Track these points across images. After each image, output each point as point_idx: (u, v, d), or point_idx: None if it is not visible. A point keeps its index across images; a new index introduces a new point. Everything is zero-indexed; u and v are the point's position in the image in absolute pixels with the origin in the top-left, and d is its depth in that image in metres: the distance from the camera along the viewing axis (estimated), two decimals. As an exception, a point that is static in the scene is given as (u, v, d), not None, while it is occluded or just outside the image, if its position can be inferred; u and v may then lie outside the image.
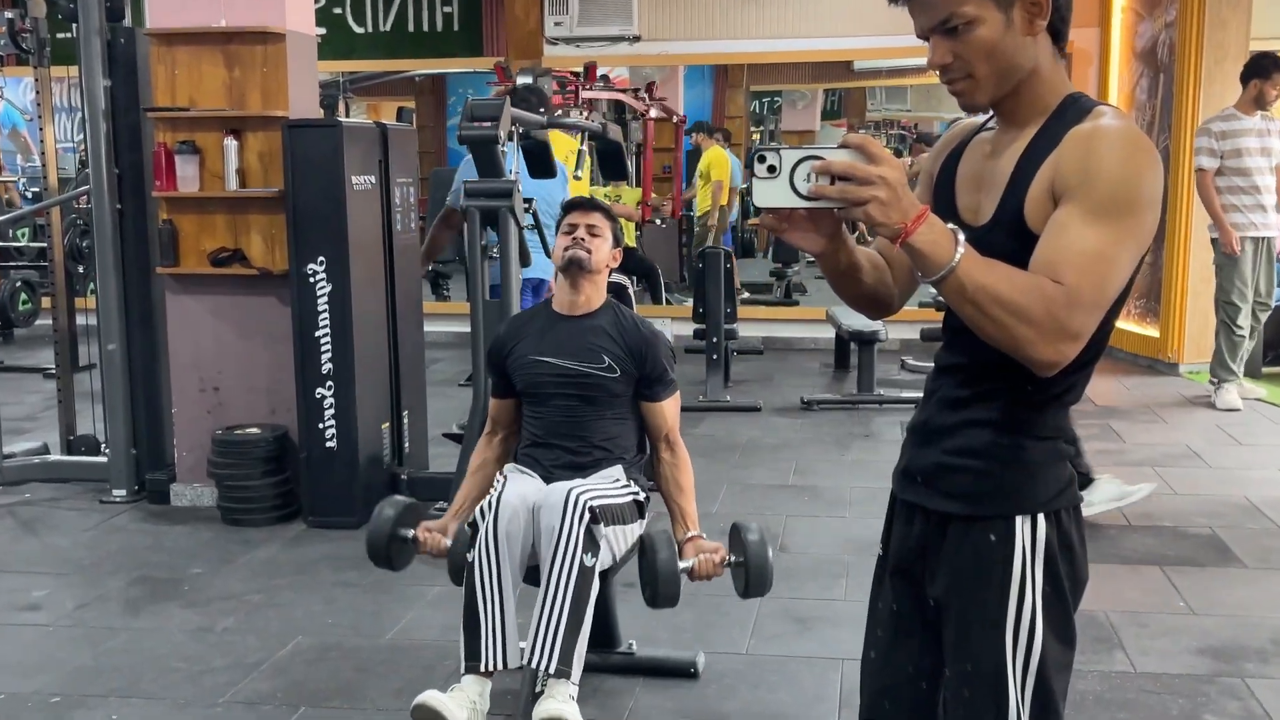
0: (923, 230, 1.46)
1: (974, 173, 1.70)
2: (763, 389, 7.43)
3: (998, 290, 1.47)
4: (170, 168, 4.77)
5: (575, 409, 3.09)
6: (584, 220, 3.19)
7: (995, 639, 1.66)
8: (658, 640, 3.57)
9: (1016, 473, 1.67)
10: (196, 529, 4.75)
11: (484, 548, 2.84)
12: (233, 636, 3.69)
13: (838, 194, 1.47)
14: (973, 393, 1.69)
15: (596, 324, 3.16)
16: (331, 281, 4.65)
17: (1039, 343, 1.49)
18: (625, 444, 3.12)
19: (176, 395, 5.01)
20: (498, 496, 2.87)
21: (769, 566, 2.89)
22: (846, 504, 5.02)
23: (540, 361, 3.13)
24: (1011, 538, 1.66)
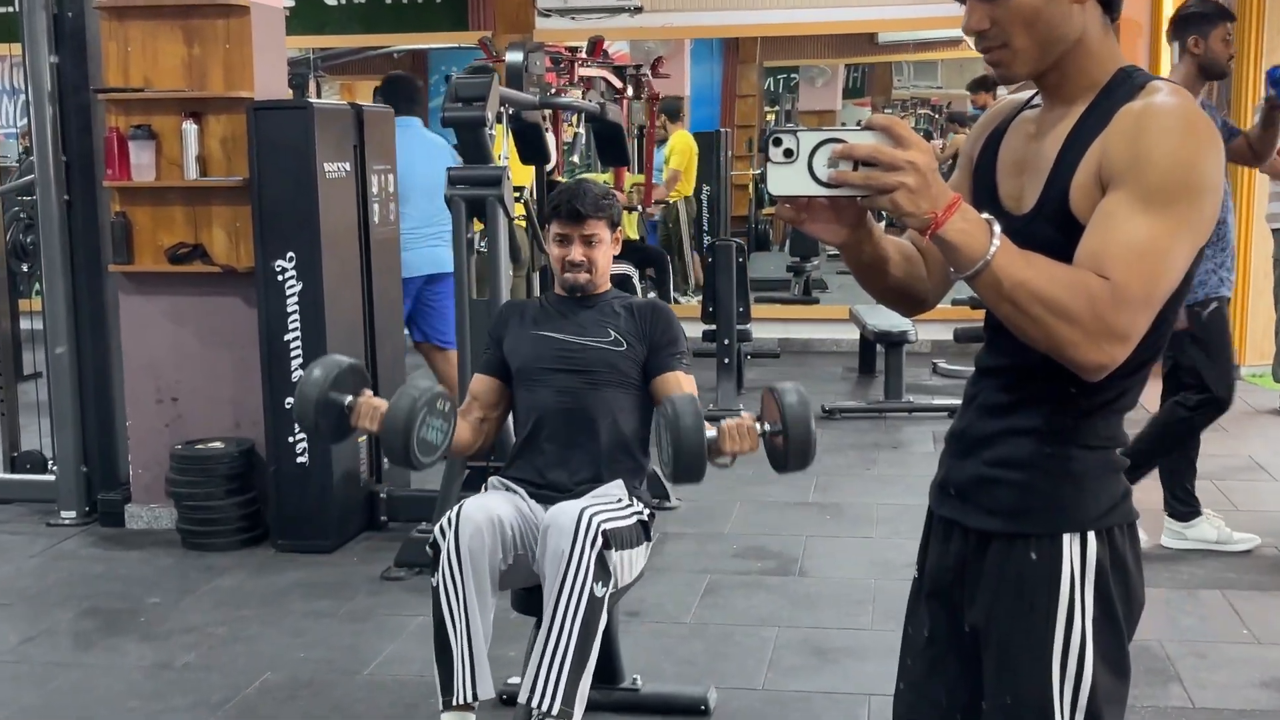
0: (955, 220, 1.46)
1: (1016, 156, 1.70)
2: (779, 396, 7.40)
3: (1037, 287, 1.47)
4: (123, 155, 4.77)
5: (576, 390, 3.09)
6: (577, 231, 3.12)
7: (1040, 669, 1.66)
8: (664, 674, 3.56)
9: (1064, 486, 1.66)
10: (154, 554, 4.74)
11: (446, 569, 2.84)
12: (194, 673, 3.68)
13: (861, 181, 1.46)
14: (1016, 398, 1.68)
15: (603, 304, 3.19)
16: (302, 280, 4.65)
17: (1083, 344, 1.48)
18: (630, 443, 3.11)
19: (131, 407, 5.01)
20: (458, 511, 2.87)
21: (812, 433, 2.63)
22: (872, 523, 5.01)
23: (542, 336, 3.15)
24: (1059, 557, 1.66)
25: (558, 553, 2.79)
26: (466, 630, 2.82)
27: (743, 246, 7.07)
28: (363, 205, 4.97)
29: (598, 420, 3.09)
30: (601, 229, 3.14)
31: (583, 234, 3.12)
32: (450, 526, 2.86)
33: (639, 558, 3.05)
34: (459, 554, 2.83)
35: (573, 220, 3.11)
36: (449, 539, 2.85)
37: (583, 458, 3.09)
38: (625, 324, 3.14)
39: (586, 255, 3.12)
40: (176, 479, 4.80)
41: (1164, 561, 4.42)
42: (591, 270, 3.13)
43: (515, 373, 3.17)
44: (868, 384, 7.81)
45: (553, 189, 6.06)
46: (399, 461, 2.78)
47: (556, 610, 2.77)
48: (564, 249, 3.12)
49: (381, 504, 4.95)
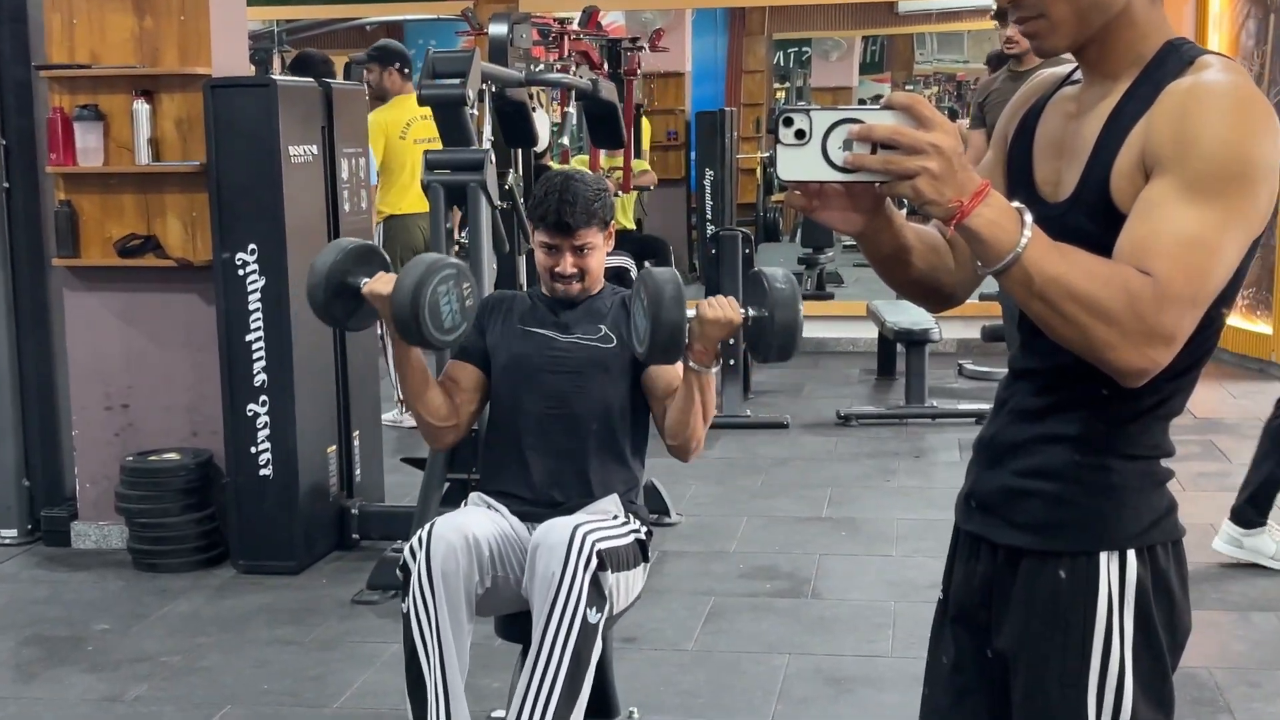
0: (982, 209, 1.45)
1: (1054, 137, 1.70)
2: (790, 401, 7.43)
3: (1071, 283, 1.46)
4: (68, 138, 4.77)
5: (566, 392, 3.07)
6: (567, 242, 3.07)
7: (1074, 700, 1.66)
8: (664, 706, 3.57)
9: (1102, 499, 1.66)
10: (102, 576, 4.74)
11: (417, 593, 2.83)
12: (147, 707, 3.68)
13: (880, 165, 1.46)
14: (1051, 402, 1.68)
15: (594, 304, 3.18)
16: (265, 274, 4.65)
17: (1122, 347, 1.48)
18: (624, 451, 3.10)
19: (77, 414, 5.01)
20: (429, 531, 2.86)
21: (798, 317, 2.73)
22: (891, 540, 5.02)
23: (528, 332, 3.13)
24: (1095, 577, 1.65)
25: (548, 575, 2.78)
26: (440, 660, 2.81)
27: (749, 236, 7.07)
28: (332, 192, 4.97)
29: (587, 426, 3.08)
30: (593, 236, 3.09)
31: (573, 244, 3.08)
32: (421, 547, 2.85)
33: (636, 580, 3.04)
34: (430, 577, 2.82)
35: (561, 233, 3.07)
36: (419, 560, 2.85)
37: (571, 469, 3.08)
38: (616, 317, 3.13)
39: (578, 265, 3.10)
40: (127, 494, 4.79)
41: (1212, 581, 4.42)
42: (584, 278, 3.12)
43: (499, 370, 3.16)
44: (887, 387, 7.82)
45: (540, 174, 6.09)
46: (411, 336, 2.85)
47: (545, 637, 2.76)
48: (552, 259, 3.09)
49: (353, 520, 4.95)
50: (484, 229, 4.47)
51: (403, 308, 2.82)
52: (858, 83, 15.45)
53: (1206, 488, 5.48)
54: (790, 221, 14.44)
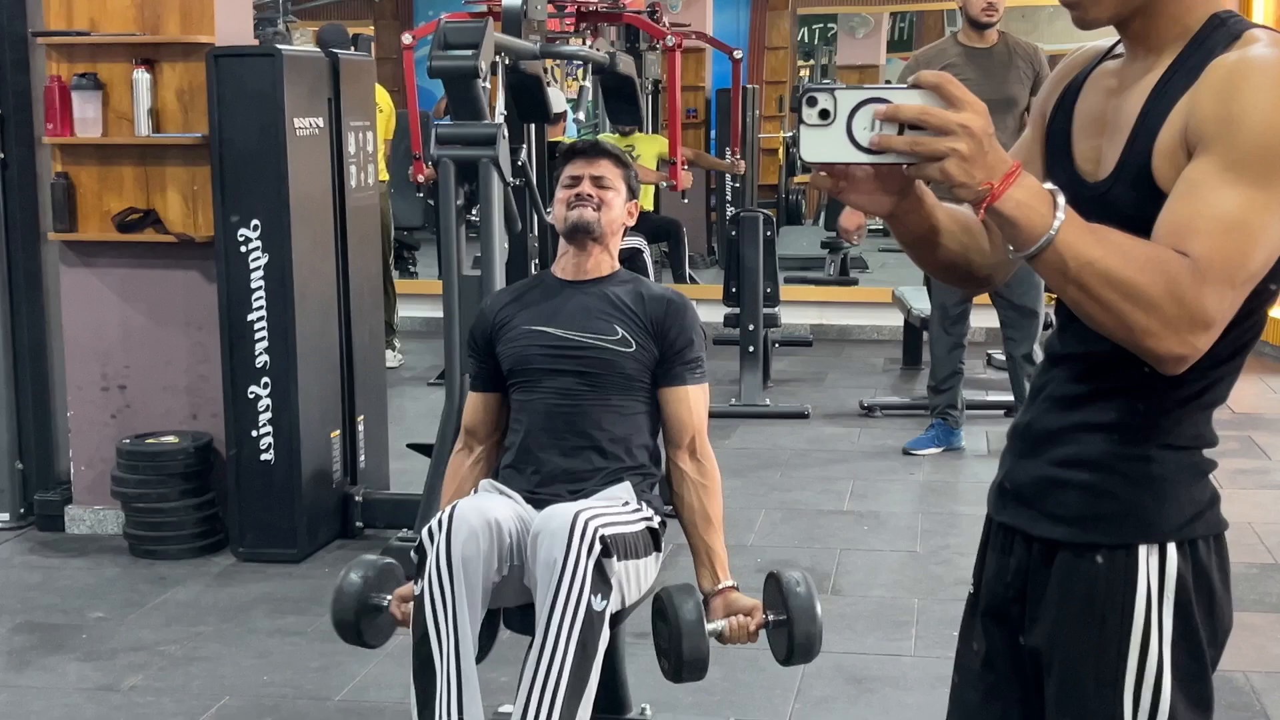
0: (1013, 191, 1.45)
1: (1095, 112, 1.69)
2: (812, 390, 7.42)
3: (1108, 267, 1.46)
4: (65, 107, 4.78)
5: (575, 393, 3.07)
6: (588, 170, 3.15)
7: (1110, 700, 1.66)
8: (678, 704, 3.57)
9: (1141, 490, 1.66)
10: (98, 563, 4.76)
11: (434, 576, 2.83)
12: (143, 697, 3.70)
13: (907, 146, 1.46)
14: (1089, 389, 1.68)
15: (608, 290, 3.15)
16: (268, 251, 4.66)
17: (1161, 333, 1.47)
18: (635, 449, 3.11)
19: (73, 395, 5.02)
20: (451, 512, 2.87)
21: (817, 628, 2.92)
22: (916, 535, 5.02)
23: (534, 332, 3.12)
24: (1133, 571, 1.65)
25: (550, 562, 2.78)
26: (455, 646, 2.81)
27: (771, 218, 7.07)
28: (338, 167, 4.97)
29: (600, 427, 3.08)
30: (616, 177, 3.16)
31: (593, 174, 3.14)
32: (441, 529, 2.85)
33: (647, 570, 3.04)
34: (450, 560, 2.82)
35: (588, 157, 3.16)
36: (438, 542, 2.84)
37: (581, 469, 3.08)
38: (635, 319, 3.11)
39: (598, 194, 3.13)
40: (124, 478, 4.81)
41: (1250, 582, 4.41)
42: (600, 210, 3.12)
43: (506, 374, 3.16)
44: (912, 377, 7.81)
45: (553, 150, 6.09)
46: None
47: (549, 627, 2.76)
48: (574, 186, 3.14)
49: (356, 508, 4.96)
50: (495, 207, 4.46)
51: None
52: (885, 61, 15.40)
53: (1245, 485, 5.47)
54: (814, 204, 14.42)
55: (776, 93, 14.10)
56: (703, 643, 2.86)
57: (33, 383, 5.15)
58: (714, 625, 2.94)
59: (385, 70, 13.47)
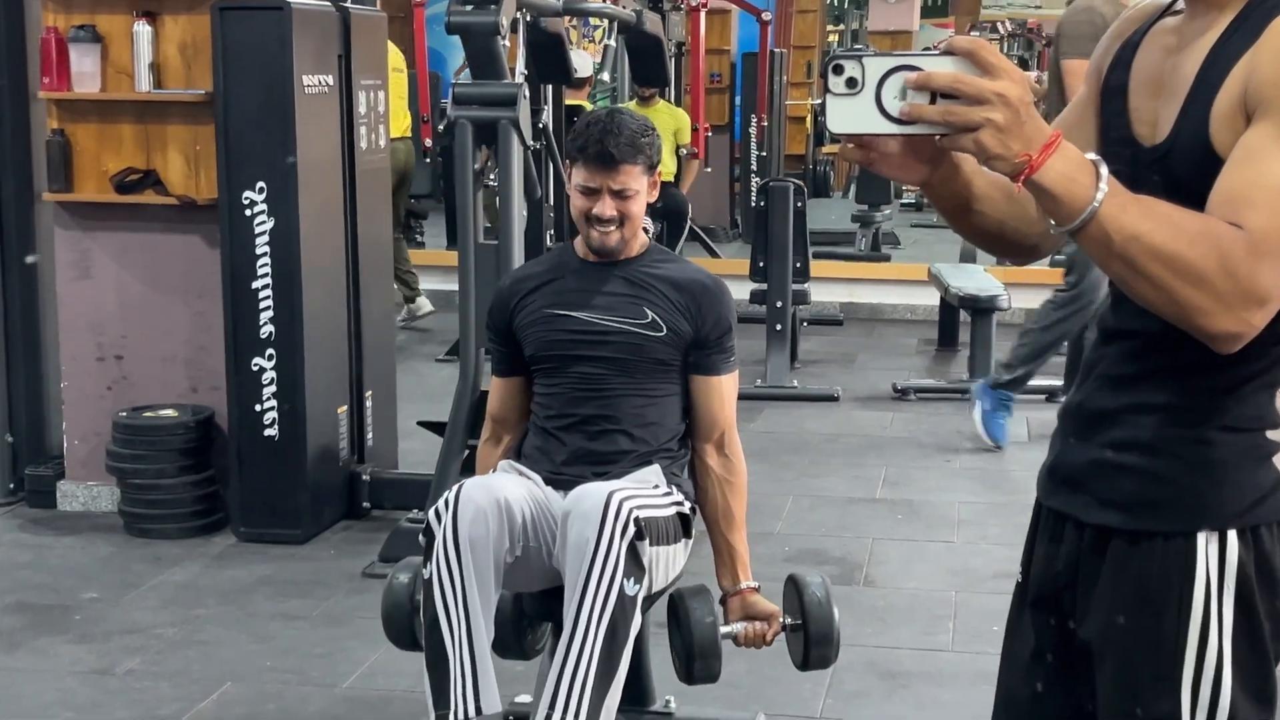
0: (1053, 163, 1.45)
1: (1152, 73, 1.69)
2: (841, 372, 7.42)
3: (1156, 241, 1.46)
4: (62, 61, 4.79)
5: (602, 379, 3.08)
6: (606, 183, 3.04)
7: (1167, 695, 1.66)
8: (702, 697, 3.57)
9: (1200, 474, 1.66)
10: (91, 541, 4.79)
11: (442, 559, 2.85)
12: (140, 682, 3.73)
13: (939, 116, 1.45)
14: (1144, 368, 1.68)
15: (637, 271, 3.14)
16: (274, 216, 4.67)
17: (1214, 310, 1.48)
18: (664, 433, 3.12)
19: (66, 365, 5.04)
20: (457, 492, 2.89)
21: (834, 634, 3.02)
22: (953, 525, 5.03)
23: (557, 316, 3.12)
24: (1192, 560, 1.65)
25: (581, 543, 2.79)
26: (466, 631, 2.83)
27: (802, 188, 7.06)
28: (347, 127, 4.98)
29: (628, 414, 3.09)
30: (636, 177, 3.06)
31: (612, 186, 3.04)
32: (447, 509, 2.87)
33: (677, 556, 3.05)
34: (458, 541, 2.84)
35: (602, 166, 3.03)
36: (445, 523, 2.86)
37: (609, 450, 3.09)
38: (666, 302, 3.10)
39: (619, 209, 3.07)
40: (119, 453, 4.83)
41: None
42: (623, 226, 3.09)
43: (529, 359, 3.16)
44: (948, 359, 7.81)
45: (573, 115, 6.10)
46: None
47: (580, 611, 2.78)
48: (589, 201, 3.07)
49: (364, 488, 4.98)
50: (514, 171, 4.47)
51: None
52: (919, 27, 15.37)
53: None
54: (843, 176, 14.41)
55: (805, 58, 14.08)
56: (714, 644, 3.00)
57: (24, 352, 5.16)
58: (729, 628, 3.05)
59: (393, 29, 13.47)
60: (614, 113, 3.15)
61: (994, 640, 3.95)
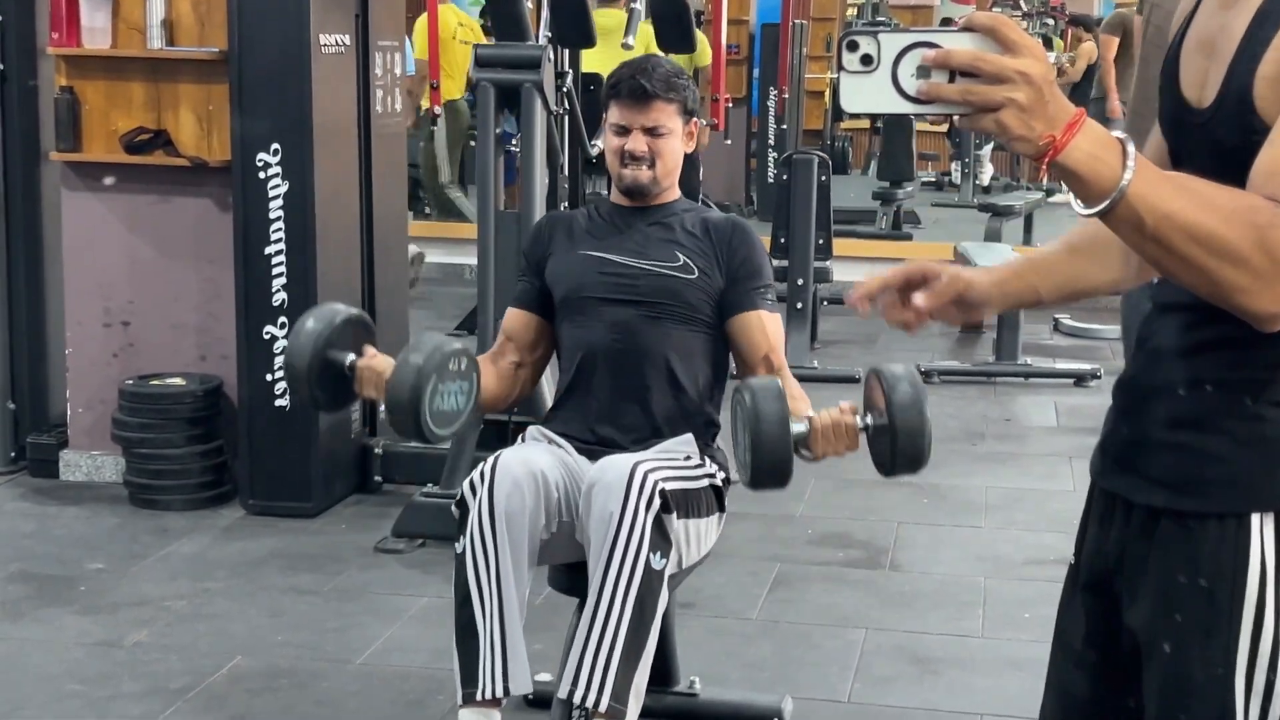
0: (1078, 142, 1.42)
1: (1205, 30, 1.66)
2: (863, 353, 7.41)
3: (1189, 220, 1.44)
4: (72, 15, 4.78)
5: (633, 327, 3.08)
6: (639, 120, 3.08)
7: (1220, 684, 1.64)
8: (727, 678, 3.60)
9: (1254, 453, 1.63)
10: (95, 512, 4.80)
11: (476, 533, 2.86)
12: (149, 654, 3.74)
13: (959, 96, 1.43)
14: (1198, 341, 1.66)
15: (669, 217, 3.17)
16: (289, 179, 4.67)
17: (1253, 289, 1.45)
18: (698, 394, 3.12)
19: (72, 331, 5.04)
20: (493, 464, 2.89)
21: (927, 430, 2.67)
22: (981, 510, 5.03)
23: (590, 257, 3.14)
24: (1245, 543, 1.63)
25: (605, 515, 2.80)
26: (499, 609, 2.83)
27: (826, 162, 7.04)
28: (364, 89, 4.98)
29: (659, 364, 3.09)
30: (670, 116, 3.10)
31: (645, 124, 3.08)
32: (483, 481, 2.87)
33: (709, 531, 3.06)
34: (493, 515, 2.84)
35: (635, 101, 3.07)
36: (480, 496, 2.86)
37: (639, 411, 3.09)
38: (698, 245, 3.13)
39: (651, 146, 3.09)
40: (125, 421, 4.84)
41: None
42: (655, 165, 3.11)
43: (559, 303, 3.17)
44: (973, 341, 7.80)
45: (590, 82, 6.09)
46: (412, 438, 2.86)
47: (605, 585, 2.79)
48: (622, 139, 3.11)
49: (375, 461, 4.99)
50: (537, 137, 4.47)
51: (404, 428, 2.81)
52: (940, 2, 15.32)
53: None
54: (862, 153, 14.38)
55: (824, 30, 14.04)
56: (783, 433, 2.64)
57: (28, 316, 5.16)
58: (799, 425, 2.73)
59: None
60: (650, 57, 3.21)
61: (1025, 627, 4.01)
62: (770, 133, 11.43)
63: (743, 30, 12.31)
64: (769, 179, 10.79)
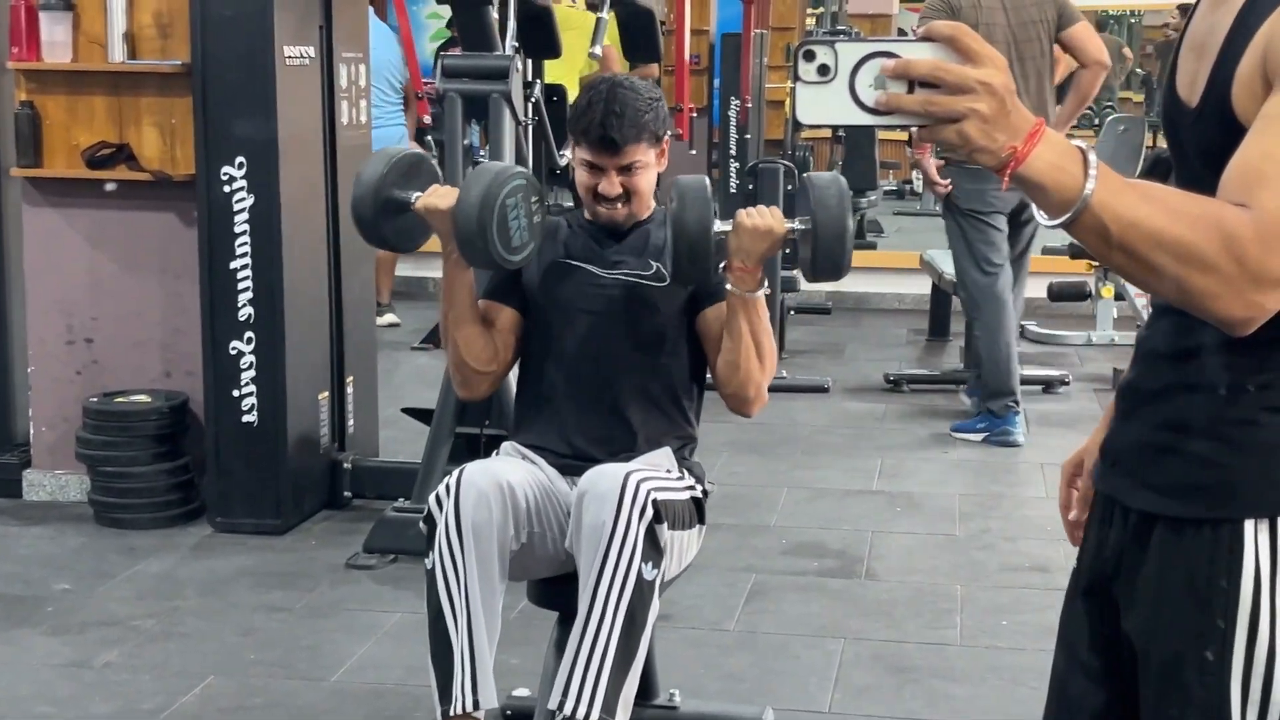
0: (1040, 151, 1.42)
1: (1199, 30, 1.66)
2: (831, 362, 7.44)
3: (1155, 228, 1.44)
4: (31, 29, 4.74)
5: (606, 336, 3.08)
6: (612, 163, 3.02)
7: (1215, 692, 1.64)
8: (707, 690, 3.59)
9: (1248, 458, 1.63)
10: (60, 531, 4.76)
11: (444, 547, 2.85)
12: (119, 675, 3.70)
13: (919, 107, 1.42)
14: (1193, 344, 1.65)
15: (645, 230, 3.17)
16: (254, 192, 4.64)
17: (1224, 295, 1.45)
18: (672, 407, 3.12)
19: (34, 348, 5.00)
20: (459, 477, 2.88)
21: (847, 231, 2.81)
22: (954, 517, 5.04)
23: (565, 264, 3.13)
24: (1239, 549, 1.63)
25: (597, 525, 2.79)
26: (468, 622, 2.83)
27: (793, 170, 7.04)
28: (329, 101, 4.96)
29: (632, 375, 3.09)
30: (643, 152, 3.05)
31: (620, 164, 3.04)
32: (449, 495, 2.86)
33: (691, 543, 3.05)
34: (459, 528, 2.84)
35: (606, 151, 3.02)
36: (446, 510, 2.85)
37: (614, 423, 3.08)
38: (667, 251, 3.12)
39: (625, 185, 3.06)
40: (90, 439, 4.80)
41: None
42: (631, 200, 3.09)
43: (533, 309, 3.15)
44: (940, 348, 7.85)
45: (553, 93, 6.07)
46: (477, 257, 2.95)
47: (596, 596, 2.78)
48: (595, 178, 3.07)
49: (345, 476, 4.96)
50: (506, 147, 4.45)
51: (468, 223, 2.88)
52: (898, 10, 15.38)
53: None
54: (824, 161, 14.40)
55: (784, 40, 14.07)
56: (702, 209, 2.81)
57: (-11, 334, 5.12)
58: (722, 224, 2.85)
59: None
60: (615, 87, 3.06)
61: (1002, 635, 4.02)
62: (732, 142, 11.44)
63: (703, 40, 12.32)
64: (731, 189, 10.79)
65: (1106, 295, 7.48)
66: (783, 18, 14.17)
